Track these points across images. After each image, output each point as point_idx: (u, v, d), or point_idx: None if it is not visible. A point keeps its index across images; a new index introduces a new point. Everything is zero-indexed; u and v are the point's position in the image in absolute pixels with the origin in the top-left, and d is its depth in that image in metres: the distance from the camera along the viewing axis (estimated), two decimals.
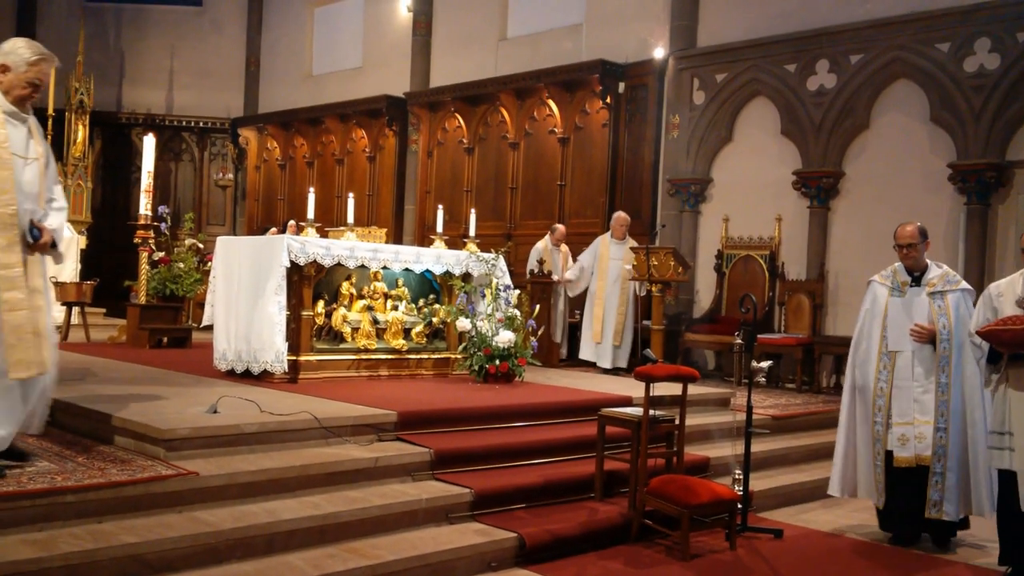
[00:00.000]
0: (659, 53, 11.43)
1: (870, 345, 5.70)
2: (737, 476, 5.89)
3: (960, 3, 9.08)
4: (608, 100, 11.86)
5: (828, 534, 5.88)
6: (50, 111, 13.77)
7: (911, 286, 5.60)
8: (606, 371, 9.95)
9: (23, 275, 4.30)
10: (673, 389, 5.85)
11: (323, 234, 7.70)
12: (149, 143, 9.59)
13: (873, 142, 9.87)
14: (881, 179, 9.71)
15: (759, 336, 9.12)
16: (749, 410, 5.93)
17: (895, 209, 9.44)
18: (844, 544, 5.67)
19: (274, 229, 11.20)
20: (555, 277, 10.57)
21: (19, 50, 4.36)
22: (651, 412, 5.57)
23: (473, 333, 7.86)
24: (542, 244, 10.88)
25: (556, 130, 12.56)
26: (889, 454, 5.49)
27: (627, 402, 6.76)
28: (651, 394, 5.56)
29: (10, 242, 4.27)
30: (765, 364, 5.97)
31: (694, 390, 6.62)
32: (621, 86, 11.88)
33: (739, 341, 6.04)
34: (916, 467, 5.41)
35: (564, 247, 10.99)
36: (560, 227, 11.17)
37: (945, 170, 9.16)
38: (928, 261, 5.66)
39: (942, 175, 9.18)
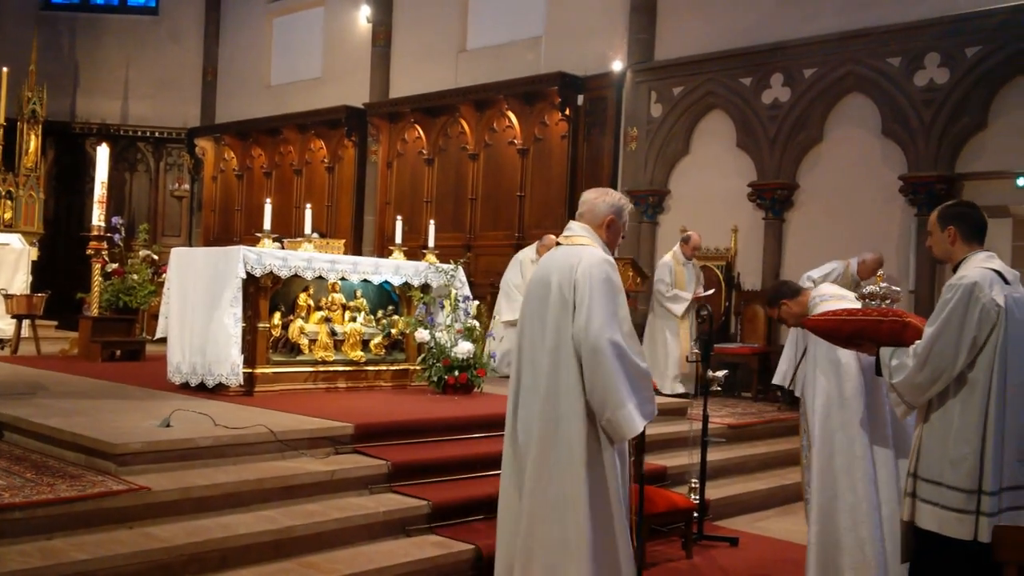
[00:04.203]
0: (617, 66, 11.53)
1: None
2: (694, 485, 5.94)
3: (911, 18, 9.28)
4: (567, 112, 11.93)
5: (783, 542, 5.94)
6: (1, 120, 13.52)
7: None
8: None
9: None
10: None
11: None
12: (103, 153, 9.46)
13: (826, 154, 10.04)
14: (834, 191, 9.87)
15: (716, 345, 9.21)
16: (705, 419, 5.98)
17: (848, 220, 9.63)
18: (799, 552, 5.72)
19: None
20: (684, 295, 9.27)
21: None
22: None
23: (432, 344, 7.84)
24: (670, 257, 9.48)
25: (516, 141, 12.61)
26: None
27: None
28: None
29: None
30: (721, 373, 6.03)
31: None
32: (580, 98, 11.96)
33: (696, 351, 6.09)
34: None
35: (695, 261, 9.65)
36: (694, 235, 9.50)
37: (896, 182, 9.34)
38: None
39: (894, 187, 9.36)
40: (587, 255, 3.52)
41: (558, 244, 3.73)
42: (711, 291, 9.64)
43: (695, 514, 5.59)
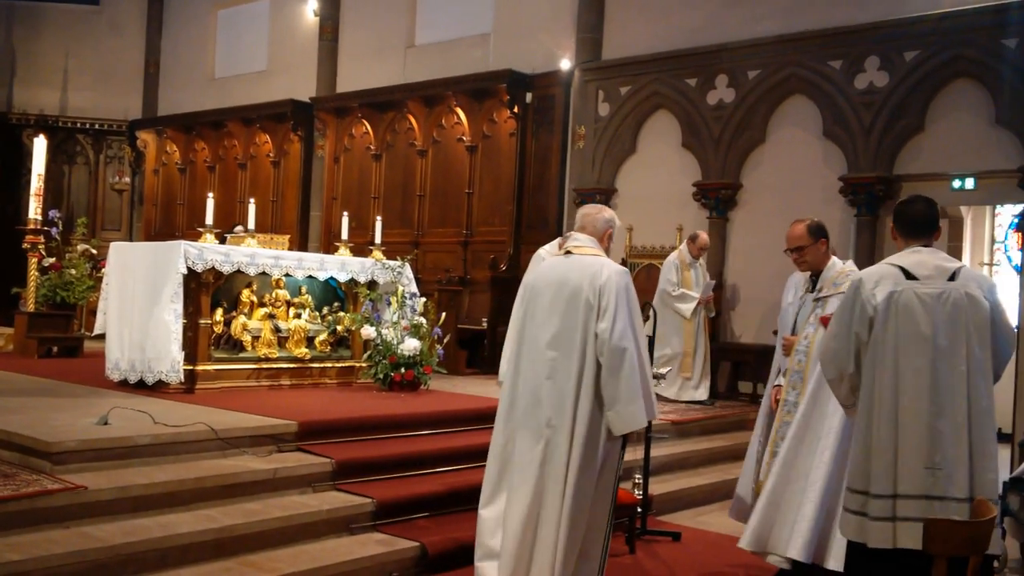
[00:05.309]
0: (565, 65, 11.57)
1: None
2: (637, 480, 5.99)
3: (852, 22, 9.46)
4: (516, 110, 11.94)
5: (725, 536, 6.03)
6: None
7: (810, 292, 4.90)
8: None
9: None
10: None
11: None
12: (40, 145, 9.25)
13: (769, 155, 10.20)
14: (777, 191, 10.02)
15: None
16: None
17: (790, 220, 9.72)
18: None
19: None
20: (692, 294, 9.19)
21: None
22: None
23: (378, 341, 7.81)
24: (676, 256, 9.40)
25: (464, 138, 12.58)
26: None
27: None
28: None
29: None
30: (664, 371, 6.09)
31: None
32: (528, 96, 11.98)
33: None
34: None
35: (703, 261, 9.50)
36: (703, 235, 9.43)
37: (837, 183, 9.52)
38: (834, 259, 4.92)
39: (834, 188, 9.54)
40: (608, 265, 4.06)
41: (568, 253, 4.18)
42: (712, 285, 9.52)
43: (639, 509, 5.64)
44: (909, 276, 3.57)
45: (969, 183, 8.81)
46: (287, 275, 7.59)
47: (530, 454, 3.99)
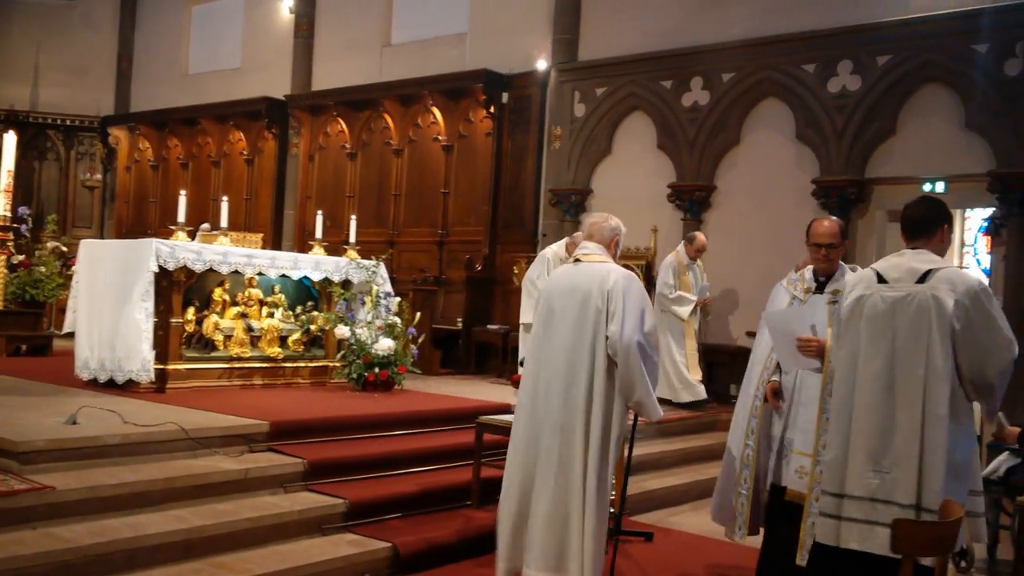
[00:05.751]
0: (542, 65, 11.58)
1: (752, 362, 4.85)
2: (611, 481, 5.99)
3: (825, 26, 9.54)
4: (492, 109, 11.93)
5: (697, 536, 6.06)
6: None
7: (814, 294, 4.57)
8: None
9: None
10: None
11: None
12: (9, 140, 9.14)
13: (743, 157, 10.26)
14: (751, 193, 10.09)
15: None
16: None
17: (764, 222, 9.86)
18: (710, 546, 5.86)
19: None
20: (689, 296, 9.13)
21: None
22: None
23: (352, 341, 7.77)
24: (674, 257, 9.31)
25: (440, 138, 12.56)
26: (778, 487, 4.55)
27: (506, 409, 6.79)
28: None
29: None
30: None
31: None
32: (505, 96, 11.98)
33: None
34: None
35: (700, 263, 9.42)
36: (700, 236, 9.40)
37: (810, 185, 9.58)
38: (842, 264, 4.63)
39: (807, 190, 9.61)
40: (615, 271, 4.37)
41: (577, 260, 4.49)
42: (708, 287, 9.43)
43: (612, 510, 5.65)
44: (881, 280, 3.59)
45: (940, 187, 8.91)
46: (260, 274, 7.54)
47: (548, 455, 4.25)
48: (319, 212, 9.11)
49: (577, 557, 4.14)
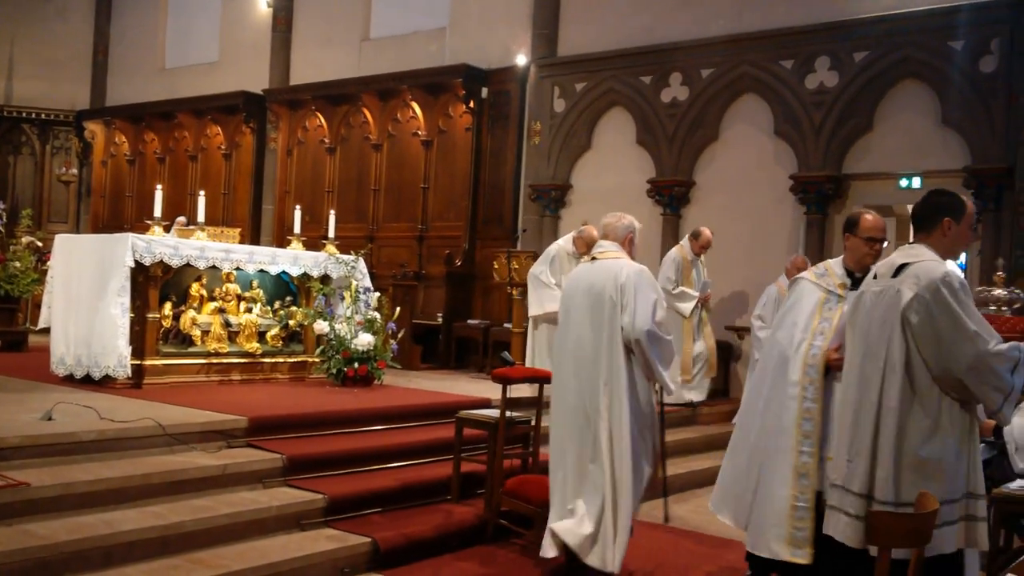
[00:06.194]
0: (521, 60, 11.57)
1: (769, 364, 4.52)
2: None
3: (802, 22, 9.59)
4: (471, 104, 11.90)
5: (676, 529, 6.08)
6: None
7: (850, 289, 4.27)
8: None
9: None
10: (530, 391, 5.93)
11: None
12: None
13: (722, 153, 10.30)
14: (729, 188, 10.13)
15: None
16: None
17: (742, 217, 9.90)
18: (690, 538, 5.88)
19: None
20: (691, 292, 9.00)
21: None
22: (508, 413, 5.62)
23: (331, 336, 7.74)
24: (678, 252, 9.14)
25: (420, 133, 12.52)
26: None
27: (485, 404, 6.80)
28: (508, 396, 5.61)
29: None
30: None
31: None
32: (484, 91, 11.95)
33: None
34: None
35: (703, 259, 9.24)
36: (706, 231, 9.10)
37: (788, 181, 9.64)
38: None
39: (785, 185, 9.67)
40: (626, 266, 4.76)
41: (593, 259, 4.88)
42: (709, 283, 9.32)
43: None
44: (875, 276, 3.74)
45: (916, 182, 8.99)
46: (238, 269, 7.50)
47: (580, 437, 4.72)
48: (298, 207, 9.06)
49: (610, 526, 4.58)
